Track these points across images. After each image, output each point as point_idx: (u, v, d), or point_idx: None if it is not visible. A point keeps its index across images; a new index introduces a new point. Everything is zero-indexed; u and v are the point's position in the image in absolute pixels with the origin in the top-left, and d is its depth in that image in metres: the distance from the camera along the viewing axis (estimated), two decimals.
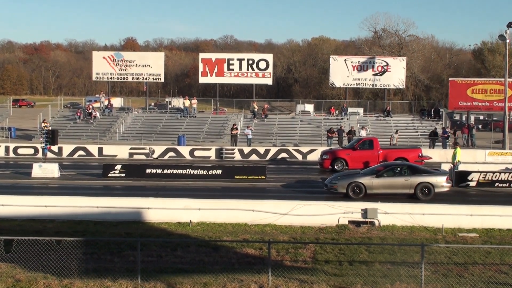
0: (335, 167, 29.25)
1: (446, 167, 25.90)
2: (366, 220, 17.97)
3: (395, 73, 47.31)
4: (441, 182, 22.00)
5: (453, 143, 31.93)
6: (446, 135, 38.79)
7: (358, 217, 18.13)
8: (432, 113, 46.55)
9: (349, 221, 18.06)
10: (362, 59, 49.06)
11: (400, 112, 58.22)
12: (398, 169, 22.51)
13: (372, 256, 14.60)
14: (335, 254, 14.93)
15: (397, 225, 17.79)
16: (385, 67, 47.27)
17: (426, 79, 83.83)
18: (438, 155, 33.68)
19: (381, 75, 47.28)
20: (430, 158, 30.40)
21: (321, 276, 12.38)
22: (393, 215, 17.99)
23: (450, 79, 49.71)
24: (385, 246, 15.43)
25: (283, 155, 35.13)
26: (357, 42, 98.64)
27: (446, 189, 22.13)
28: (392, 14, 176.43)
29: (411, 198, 21.60)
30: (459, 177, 24.69)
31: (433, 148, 37.89)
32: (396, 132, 39.30)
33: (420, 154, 29.40)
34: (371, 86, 49.26)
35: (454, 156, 26.53)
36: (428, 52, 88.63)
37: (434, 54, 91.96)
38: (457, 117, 62.17)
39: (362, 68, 47.52)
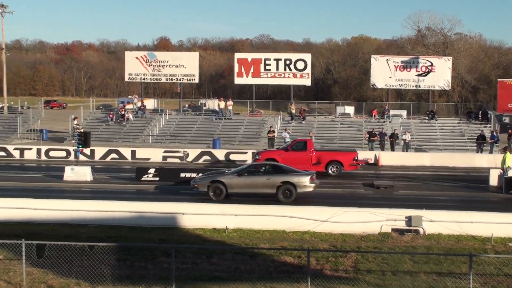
0: None
1: (494, 173, 24.77)
2: (410, 228, 17.36)
3: (440, 74, 45.91)
4: (304, 182, 21.38)
5: (503, 148, 30.58)
6: (494, 140, 37.16)
7: (402, 225, 17.50)
8: (480, 116, 44.87)
9: (392, 229, 17.47)
10: (405, 59, 47.82)
11: (445, 115, 56.47)
12: (262, 168, 22.43)
13: (416, 266, 14.08)
14: (377, 263, 14.43)
15: (443, 234, 17.11)
16: (430, 67, 45.92)
17: (473, 80, 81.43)
18: (486, 160, 32.70)
19: (425, 75, 45.95)
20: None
21: (363, 286, 12.23)
22: (439, 223, 17.29)
23: (498, 79, 48.10)
24: (430, 256, 14.84)
25: None
26: (399, 41, 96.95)
27: (310, 190, 21.62)
28: (436, 11, 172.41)
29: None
30: (509, 184, 23.73)
31: (481, 152, 36.45)
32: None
33: (356, 158, 29.02)
34: (414, 87, 48.06)
35: (503, 162, 25.50)
36: (475, 51, 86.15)
37: (482, 53, 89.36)
38: (506, 120, 59.76)
39: (405, 68, 46.29)
